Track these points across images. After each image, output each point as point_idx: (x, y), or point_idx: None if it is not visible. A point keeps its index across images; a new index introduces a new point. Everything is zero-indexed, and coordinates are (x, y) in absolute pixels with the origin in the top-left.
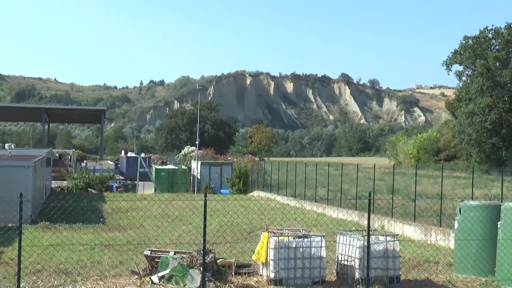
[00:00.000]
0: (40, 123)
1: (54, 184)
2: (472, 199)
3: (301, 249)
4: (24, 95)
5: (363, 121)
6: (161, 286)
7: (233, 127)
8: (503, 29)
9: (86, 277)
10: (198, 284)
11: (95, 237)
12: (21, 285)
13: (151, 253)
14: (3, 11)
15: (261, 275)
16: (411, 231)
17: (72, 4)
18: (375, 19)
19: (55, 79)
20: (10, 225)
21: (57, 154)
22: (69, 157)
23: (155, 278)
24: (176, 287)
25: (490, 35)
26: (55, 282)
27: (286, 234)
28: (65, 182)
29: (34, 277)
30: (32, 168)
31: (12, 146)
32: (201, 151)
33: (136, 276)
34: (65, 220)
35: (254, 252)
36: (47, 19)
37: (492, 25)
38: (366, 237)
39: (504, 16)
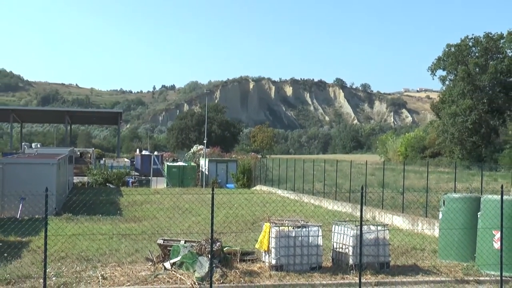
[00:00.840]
0: (63, 124)
1: (76, 179)
2: (455, 192)
3: (299, 238)
4: (48, 99)
5: (355, 121)
6: (172, 271)
7: (237, 128)
8: (482, 38)
9: (105, 264)
10: (206, 270)
11: (113, 228)
12: (47, 271)
13: (163, 242)
14: (29, 22)
15: (263, 262)
16: (399, 221)
17: (91, 16)
18: (367, 29)
19: (76, 84)
20: (37, 216)
21: (78, 153)
22: (89, 155)
23: (167, 264)
24: (187, 272)
25: (470, 43)
26: (78, 268)
27: (286, 225)
28: (86, 177)
29: (59, 264)
30: (56, 165)
31: (38, 146)
32: (208, 149)
33: (150, 263)
34: (86, 212)
35: (257, 241)
36: (69, 30)
37: (472, 34)
38: (359, 227)
39: (483, 25)
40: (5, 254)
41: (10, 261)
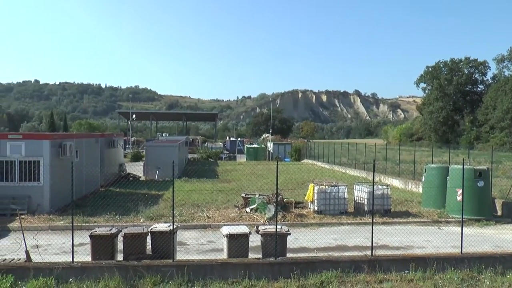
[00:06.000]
0: (181, 121)
1: (190, 156)
2: (432, 163)
3: (333, 193)
4: (172, 106)
5: (367, 117)
6: (251, 213)
7: (291, 122)
8: (448, 62)
9: (209, 208)
10: (273, 213)
11: (213, 186)
12: (174, 212)
13: (245, 195)
14: (159, 55)
15: (309, 208)
16: (396, 182)
17: (201, 48)
18: (375, 56)
19: (189, 96)
20: (167, 179)
21: (191, 139)
22: (198, 141)
23: (248, 209)
24: (260, 215)
25: (441, 65)
26: (192, 210)
27: (324, 184)
28: (196, 154)
29: (180, 208)
30: (177, 147)
31: (167, 135)
32: (273, 136)
33: (237, 208)
34: (196, 176)
35: (306, 194)
36: (186, 60)
37: (442, 59)
38: (371, 186)
39: (450, 52)
40: (149, 202)
41: (152, 206)
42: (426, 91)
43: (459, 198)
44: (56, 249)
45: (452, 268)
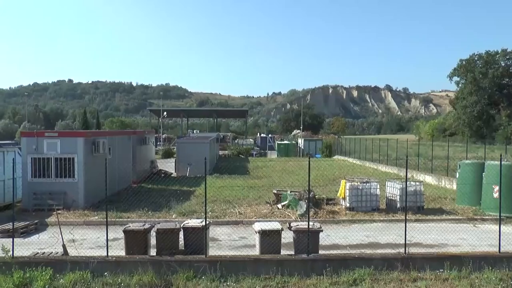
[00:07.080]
0: (212, 118)
1: (221, 152)
2: (467, 159)
3: (364, 190)
4: (203, 103)
5: (399, 113)
6: (282, 210)
7: (322, 118)
8: (483, 54)
9: (240, 204)
10: (304, 209)
11: (244, 182)
12: (207, 208)
13: (277, 192)
14: (190, 54)
15: (341, 205)
16: (429, 179)
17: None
18: (407, 50)
19: (219, 93)
20: (198, 175)
21: (221, 136)
22: (228, 137)
23: (279, 206)
24: (292, 211)
25: (476, 58)
26: (224, 206)
27: (356, 181)
28: (227, 151)
29: (212, 204)
30: (208, 144)
31: (198, 132)
32: (303, 132)
33: (268, 205)
34: (227, 172)
35: (337, 191)
36: (215, 59)
37: (477, 52)
38: (404, 182)
39: (485, 45)
40: (181, 198)
41: (184, 202)
42: (460, 85)
43: (496, 195)
44: (91, 243)
45: (490, 268)
